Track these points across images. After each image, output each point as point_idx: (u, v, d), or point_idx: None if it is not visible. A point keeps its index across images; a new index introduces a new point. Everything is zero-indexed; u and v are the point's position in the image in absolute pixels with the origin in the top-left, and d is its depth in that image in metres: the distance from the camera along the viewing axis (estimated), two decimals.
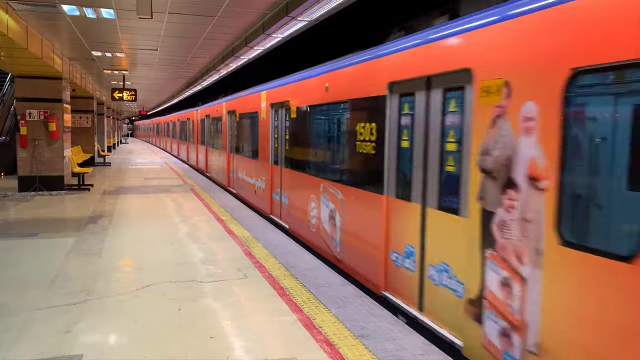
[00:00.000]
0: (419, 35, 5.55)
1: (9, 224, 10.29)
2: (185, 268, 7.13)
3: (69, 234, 9.27)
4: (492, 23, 4.30)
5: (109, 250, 8.10)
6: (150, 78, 21.55)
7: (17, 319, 5.19)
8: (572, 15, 3.43)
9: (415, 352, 4.62)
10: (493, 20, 4.29)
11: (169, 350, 4.53)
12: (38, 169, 14.89)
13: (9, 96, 20.82)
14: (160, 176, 20.47)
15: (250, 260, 7.58)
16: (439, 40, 5.08)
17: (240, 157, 15.00)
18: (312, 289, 6.29)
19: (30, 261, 7.43)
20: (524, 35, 3.88)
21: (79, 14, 9.46)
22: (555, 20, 3.57)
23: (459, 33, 4.77)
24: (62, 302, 5.67)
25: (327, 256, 7.92)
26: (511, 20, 4.07)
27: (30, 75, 14.56)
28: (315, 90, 8.42)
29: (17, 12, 9.38)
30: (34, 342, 4.64)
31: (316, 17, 8.72)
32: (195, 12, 9.56)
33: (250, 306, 5.68)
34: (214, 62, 15.96)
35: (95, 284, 6.37)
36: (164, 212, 11.81)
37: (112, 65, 17.14)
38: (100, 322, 5.17)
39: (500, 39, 4.18)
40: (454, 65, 4.77)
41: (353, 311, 5.61)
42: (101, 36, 12.05)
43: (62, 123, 15.22)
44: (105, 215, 11.23)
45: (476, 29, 4.50)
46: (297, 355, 4.46)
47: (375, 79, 6.32)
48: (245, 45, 11.69)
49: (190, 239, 8.92)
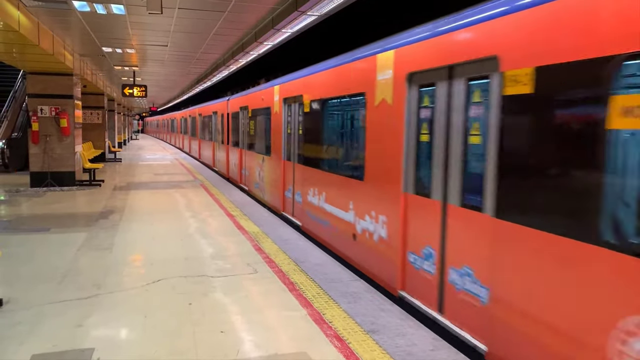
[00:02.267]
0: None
1: (22, 219, 10.38)
2: (195, 263, 7.15)
3: (81, 229, 9.34)
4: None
5: (119, 245, 8.15)
6: (161, 74, 21.62)
7: (29, 312, 5.23)
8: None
9: (425, 347, 4.59)
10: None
11: (180, 344, 4.54)
12: (50, 165, 15.00)
13: (21, 93, 21.01)
14: (170, 172, 20.55)
15: (260, 255, 7.59)
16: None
17: (324, 174, 8.76)
18: (322, 284, 6.29)
19: (42, 256, 7.49)
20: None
21: (89, 10, 9.49)
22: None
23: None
24: (74, 297, 5.71)
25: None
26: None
27: (42, 72, 14.66)
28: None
29: (28, 8, 9.43)
30: (46, 336, 4.67)
31: (326, 12, 8.67)
32: (204, 8, 9.55)
33: (260, 301, 5.68)
34: (224, 58, 15.96)
35: (106, 278, 6.40)
36: (174, 207, 11.85)
37: (122, 61, 17.21)
38: (111, 316, 5.20)
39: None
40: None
41: (363, 306, 5.59)
42: (111, 32, 12.09)
43: (73, 119, 15.31)
44: (116, 210, 11.29)
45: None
46: (307, 350, 4.45)
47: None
48: (255, 40, 11.67)
49: (201, 234, 8.95)
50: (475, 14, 4.69)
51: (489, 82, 4.49)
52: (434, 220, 5.32)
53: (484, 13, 4.55)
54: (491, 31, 4.41)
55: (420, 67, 5.56)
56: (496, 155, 4.27)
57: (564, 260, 3.54)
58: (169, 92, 34.46)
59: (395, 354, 4.42)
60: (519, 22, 4.06)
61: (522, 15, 4.03)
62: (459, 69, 4.96)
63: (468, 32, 4.76)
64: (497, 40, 4.31)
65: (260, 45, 11.98)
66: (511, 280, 4.07)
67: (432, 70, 5.38)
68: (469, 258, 4.72)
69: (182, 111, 37.22)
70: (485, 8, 4.57)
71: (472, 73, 4.77)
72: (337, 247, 8.01)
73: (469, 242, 4.72)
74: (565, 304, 3.53)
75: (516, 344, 4.00)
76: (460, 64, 4.89)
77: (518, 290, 3.99)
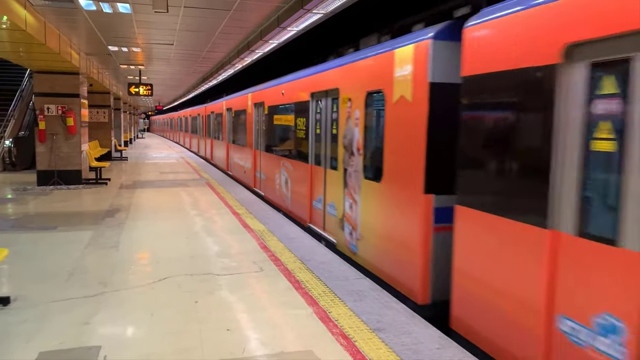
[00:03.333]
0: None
1: (29, 217, 10.44)
2: (201, 261, 7.16)
3: (87, 227, 9.38)
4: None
5: (125, 243, 8.17)
6: (166, 73, 21.66)
7: (36, 310, 5.26)
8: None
9: (431, 346, 4.58)
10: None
11: (186, 342, 4.55)
12: (56, 164, 15.07)
13: (28, 91, 21.12)
14: (176, 170, 20.60)
15: (266, 253, 7.59)
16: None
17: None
18: (328, 282, 6.28)
19: (48, 254, 7.52)
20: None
21: (95, 8, 9.51)
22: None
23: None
24: (80, 294, 5.73)
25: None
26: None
27: (48, 71, 14.72)
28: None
29: (35, 7, 9.47)
30: (53, 333, 4.69)
31: (332, 10, 8.65)
32: (210, 6, 9.55)
33: (266, 299, 5.69)
34: (229, 57, 15.97)
35: (113, 276, 6.43)
36: (180, 205, 11.88)
37: (128, 60, 17.25)
38: (117, 314, 5.21)
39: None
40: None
41: (368, 304, 5.58)
42: (117, 31, 12.12)
43: (80, 118, 15.37)
44: (122, 209, 11.33)
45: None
46: (313, 348, 4.45)
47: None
48: (260, 39, 11.67)
49: (206, 233, 8.96)
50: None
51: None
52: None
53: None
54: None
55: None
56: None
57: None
58: (175, 91, 34.52)
59: (401, 352, 4.41)
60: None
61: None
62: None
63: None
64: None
65: (265, 43, 11.98)
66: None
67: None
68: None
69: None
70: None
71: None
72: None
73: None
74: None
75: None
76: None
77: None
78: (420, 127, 5.63)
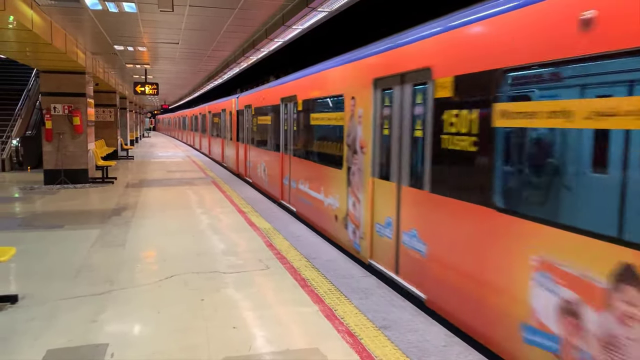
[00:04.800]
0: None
1: (36, 216, 10.50)
2: (207, 259, 7.18)
3: (94, 225, 9.42)
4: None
5: (132, 241, 8.21)
6: (172, 72, 21.72)
7: (44, 308, 5.29)
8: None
9: (437, 343, 4.58)
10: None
11: (192, 339, 4.57)
12: (63, 163, 15.15)
13: (35, 91, 21.23)
14: (182, 169, 20.66)
15: (272, 251, 7.61)
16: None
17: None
18: (333, 280, 6.29)
19: (56, 252, 7.57)
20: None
21: (101, 8, 9.55)
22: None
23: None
24: (88, 292, 5.77)
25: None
26: None
27: (55, 70, 14.79)
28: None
29: (41, 7, 9.52)
30: (61, 331, 4.72)
31: (336, 8, 8.65)
32: (215, 5, 9.57)
33: (272, 297, 5.70)
34: (235, 55, 15.99)
35: (120, 274, 6.46)
36: (186, 204, 11.92)
37: (134, 59, 17.31)
38: (124, 312, 5.24)
39: None
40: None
41: (374, 302, 5.58)
42: (123, 30, 12.17)
43: (86, 117, 15.44)
44: (129, 207, 11.38)
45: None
46: (319, 345, 4.46)
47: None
48: (265, 37, 11.68)
49: (212, 231, 8.99)
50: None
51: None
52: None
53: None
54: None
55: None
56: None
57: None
58: (181, 90, 34.61)
59: (407, 350, 4.41)
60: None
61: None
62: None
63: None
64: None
65: (270, 42, 11.99)
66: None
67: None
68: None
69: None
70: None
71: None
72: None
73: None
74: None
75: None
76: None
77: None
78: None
